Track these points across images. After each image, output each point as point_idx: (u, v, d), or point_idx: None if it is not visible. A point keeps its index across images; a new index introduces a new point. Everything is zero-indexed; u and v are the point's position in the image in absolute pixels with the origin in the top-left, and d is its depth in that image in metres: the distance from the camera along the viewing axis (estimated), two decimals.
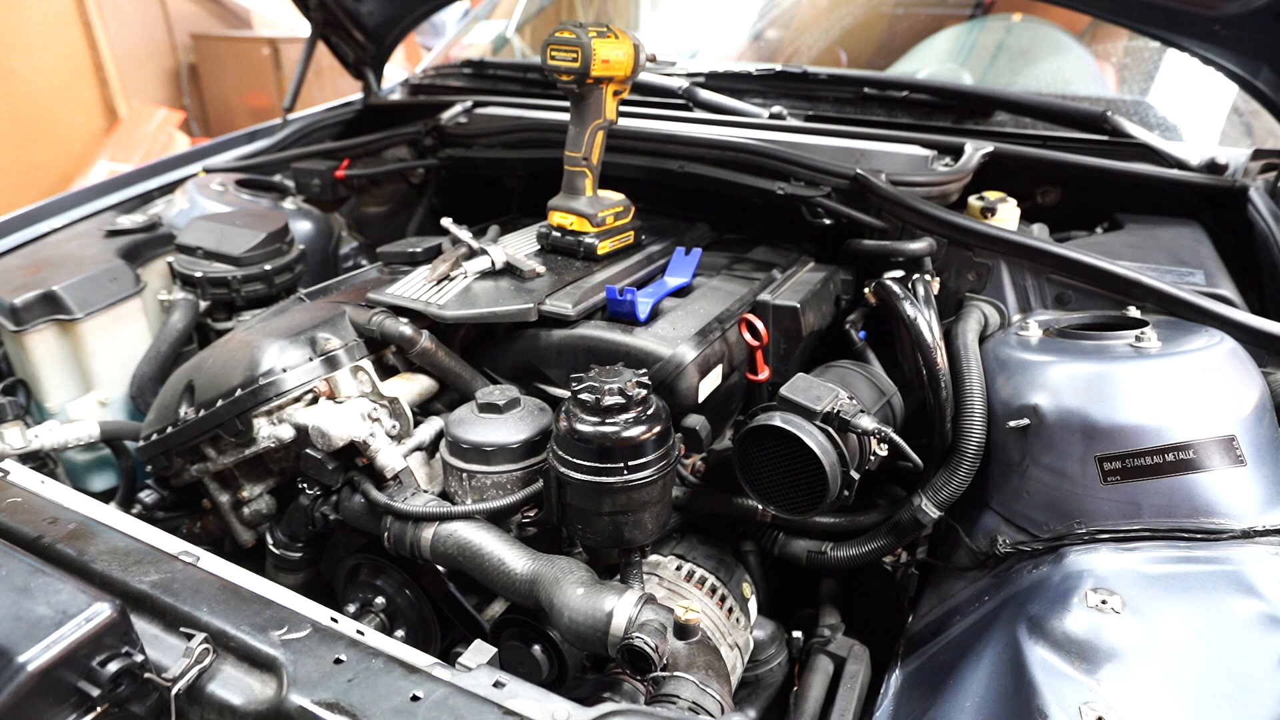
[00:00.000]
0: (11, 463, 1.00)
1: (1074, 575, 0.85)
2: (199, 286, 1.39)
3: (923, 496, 1.04)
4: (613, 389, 0.90)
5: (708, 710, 0.88)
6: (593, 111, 1.24)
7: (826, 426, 0.95)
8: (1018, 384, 1.01)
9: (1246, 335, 1.03)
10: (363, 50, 2.09)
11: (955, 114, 1.65)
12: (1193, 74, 1.70)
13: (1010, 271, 1.23)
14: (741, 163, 1.44)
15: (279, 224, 1.47)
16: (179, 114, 4.87)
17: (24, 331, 1.29)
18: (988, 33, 2.09)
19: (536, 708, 0.69)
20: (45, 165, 4.36)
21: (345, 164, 1.79)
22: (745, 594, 1.14)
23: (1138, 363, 0.96)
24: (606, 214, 1.29)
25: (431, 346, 1.14)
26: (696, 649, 0.93)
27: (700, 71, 1.86)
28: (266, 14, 5.37)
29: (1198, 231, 1.34)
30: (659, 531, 0.99)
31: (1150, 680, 0.72)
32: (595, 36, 1.18)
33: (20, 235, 1.54)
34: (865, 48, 2.18)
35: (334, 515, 1.08)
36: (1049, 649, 0.77)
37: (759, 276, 1.31)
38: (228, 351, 1.14)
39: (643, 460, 0.91)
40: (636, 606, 0.84)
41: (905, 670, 0.95)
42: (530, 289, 1.18)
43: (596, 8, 2.87)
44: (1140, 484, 0.89)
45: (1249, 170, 1.42)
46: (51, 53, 4.32)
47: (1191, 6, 1.26)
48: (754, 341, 1.17)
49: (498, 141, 1.74)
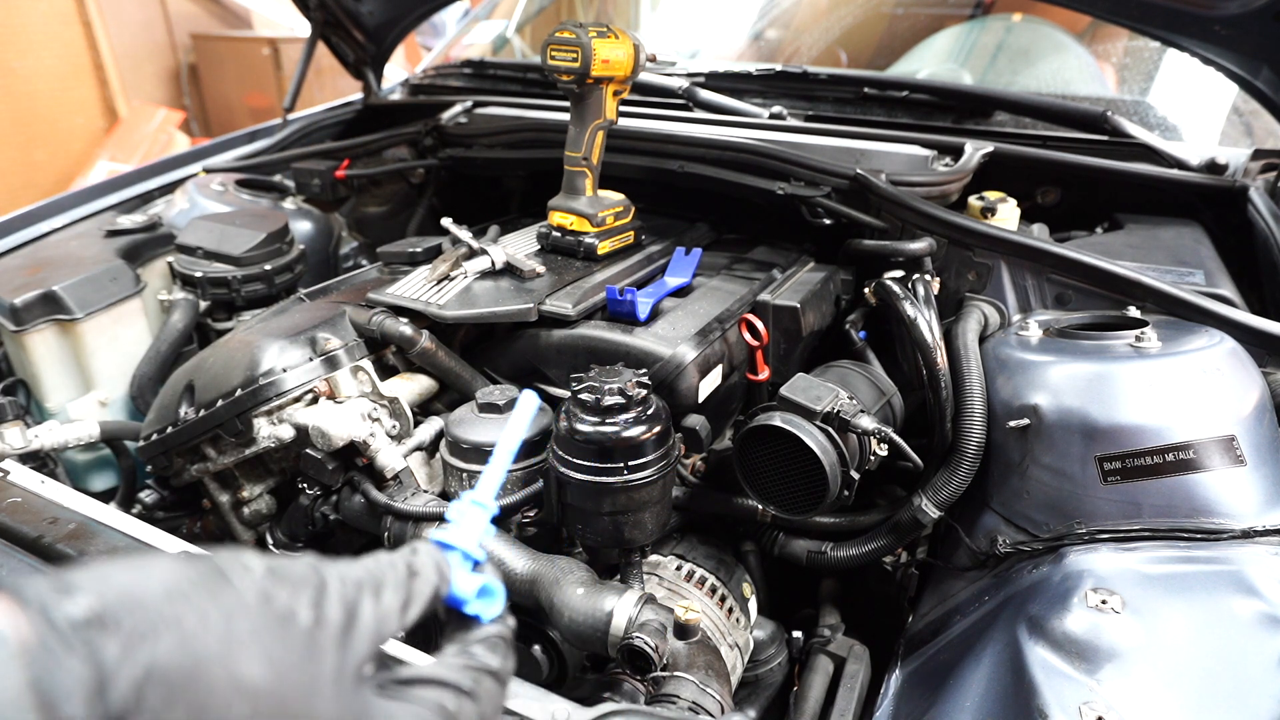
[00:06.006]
0: (11, 463, 1.00)
1: (1074, 575, 0.85)
2: (199, 286, 1.39)
3: (923, 496, 1.04)
4: (613, 389, 0.90)
5: (708, 710, 0.88)
6: (593, 111, 1.24)
7: (826, 426, 0.95)
8: (1018, 384, 1.01)
9: (1246, 335, 1.03)
10: (363, 50, 2.09)
11: (955, 114, 1.65)
12: (1193, 74, 1.70)
13: (1010, 271, 1.23)
14: (741, 163, 1.44)
15: (279, 224, 1.47)
16: (179, 114, 4.87)
17: (24, 331, 1.29)
18: (988, 33, 2.09)
19: (536, 708, 0.69)
20: (45, 165, 4.36)
21: (345, 164, 1.79)
22: (745, 594, 1.14)
23: (1138, 363, 0.96)
24: (606, 214, 1.29)
25: (431, 346, 1.14)
26: (696, 649, 0.93)
27: (700, 71, 1.86)
28: (266, 14, 5.37)
29: (1198, 231, 1.34)
30: (659, 531, 0.99)
31: (1150, 680, 0.72)
32: (595, 36, 1.18)
33: (20, 235, 1.54)
34: (865, 48, 2.18)
35: (334, 515, 1.08)
36: (1049, 649, 0.77)
37: (759, 276, 1.31)
38: (228, 351, 1.14)
39: (643, 460, 0.91)
40: (636, 606, 0.84)
41: (905, 670, 0.95)
42: (530, 289, 1.18)
43: (596, 8, 2.87)
44: (1140, 484, 0.89)
45: (1249, 170, 1.42)
46: (51, 52, 4.32)
47: (1191, 6, 1.26)
48: (754, 341, 1.17)
49: (498, 141, 1.74)
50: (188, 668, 0.30)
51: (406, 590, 0.43)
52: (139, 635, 0.29)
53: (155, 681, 0.29)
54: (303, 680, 0.34)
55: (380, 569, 0.43)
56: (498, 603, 0.51)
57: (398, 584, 0.43)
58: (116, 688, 0.28)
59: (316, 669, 0.35)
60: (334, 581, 0.39)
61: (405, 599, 0.43)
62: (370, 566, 0.42)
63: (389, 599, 0.41)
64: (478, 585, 0.50)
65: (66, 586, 0.30)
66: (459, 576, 0.50)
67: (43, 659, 0.27)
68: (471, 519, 0.53)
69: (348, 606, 0.38)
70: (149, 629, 0.30)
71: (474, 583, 0.50)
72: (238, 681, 0.31)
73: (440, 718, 0.41)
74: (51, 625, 0.28)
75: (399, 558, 0.45)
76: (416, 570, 0.45)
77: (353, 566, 0.41)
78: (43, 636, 0.28)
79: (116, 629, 0.29)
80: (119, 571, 0.32)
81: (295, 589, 0.36)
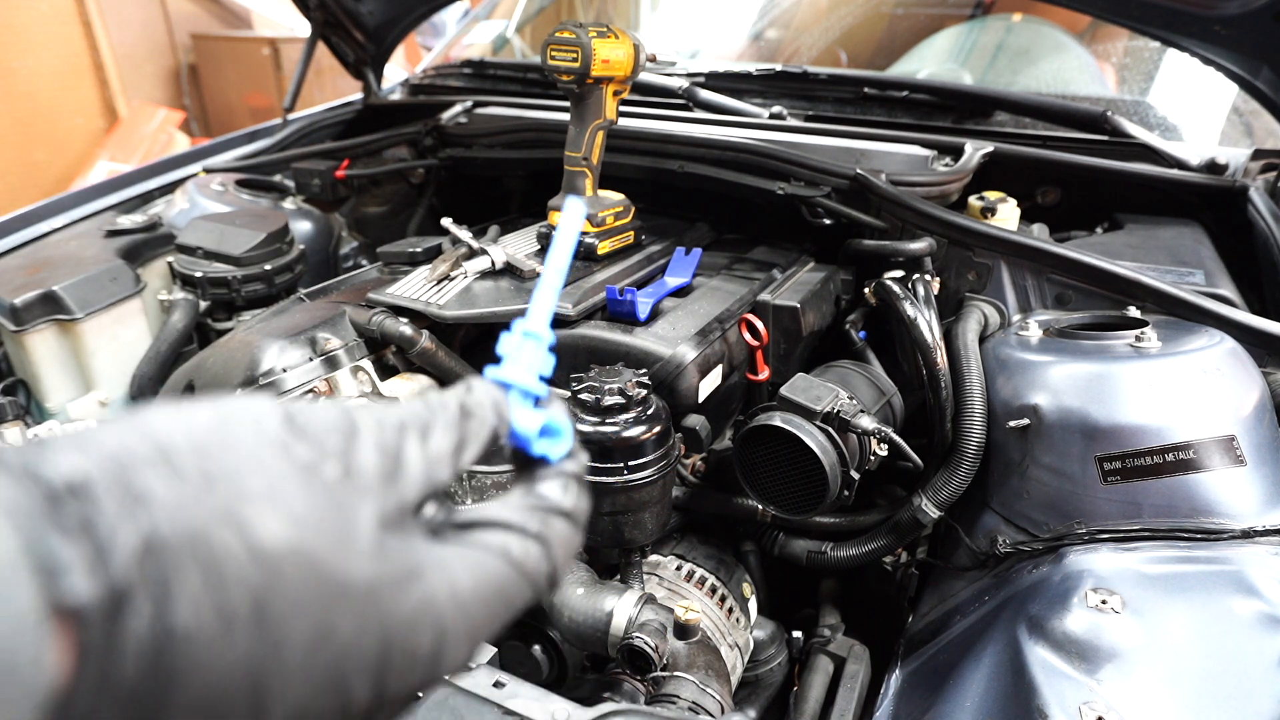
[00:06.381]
0: None
1: (1074, 575, 0.85)
2: (199, 286, 1.39)
3: (923, 496, 1.04)
4: (613, 389, 0.90)
5: (708, 710, 0.88)
6: (593, 111, 1.24)
7: (826, 426, 0.95)
8: (1018, 384, 1.01)
9: (1247, 335, 1.03)
10: (363, 50, 2.09)
11: (955, 114, 1.65)
12: (1193, 74, 1.70)
13: (1010, 271, 1.23)
14: (741, 163, 1.44)
15: (279, 224, 1.47)
16: (179, 114, 4.87)
17: (24, 331, 1.29)
18: (988, 33, 2.09)
19: (536, 708, 0.69)
20: (45, 165, 4.36)
21: (345, 164, 1.79)
22: (745, 594, 1.14)
23: (1138, 363, 0.96)
24: (606, 214, 1.29)
25: (431, 346, 1.14)
26: (696, 649, 0.93)
27: (700, 71, 1.86)
28: (266, 14, 5.37)
29: (1198, 231, 1.34)
30: (659, 531, 0.99)
31: (1150, 680, 0.72)
32: (595, 36, 1.18)
33: (20, 235, 1.53)
34: (865, 48, 2.18)
35: None
36: (1049, 649, 0.77)
37: (759, 276, 1.31)
38: (228, 351, 1.14)
39: (643, 460, 0.91)
40: (636, 606, 0.84)
41: (905, 670, 0.95)
42: (530, 289, 1.18)
43: (596, 8, 2.87)
44: (1140, 484, 0.89)
45: (1249, 170, 1.42)
46: (51, 53, 4.31)
47: (1191, 6, 1.26)
48: (754, 341, 1.17)
49: (498, 141, 1.74)
50: (191, 533, 0.26)
51: (460, 431, 0.38)
52: (131, 499, 0.26)
53: (154, 550, 0.25)
54: (333, 535, 0.30)
55: (429, 409, 0.38)
56: (565, 440, 0.46)
57: (449, 424, 0.38)
58: (114, 559, 0.24)
59: (349, 521, 0.31)
60: (369, 426, 0.34)
61: (459, 440, 0.38)
62: (416, 408, 0.37)
63: (439, 441, 0.37)
64: (541, 422, 0.45)
65: (47, 448, 0.26)
66: (520, 414, 0.44)
67: (34, 525, 0.24)
68: (528, 352, 0.47)
69: (387, 452, 0.34)
70: (143, 492, 0.26)
71: (537, 419, 0.45)
72: (253, 543, 0.27)
73: (504, 563, 0.36)
74: (39, 487, 0.25)
75: (450, 396, 0.40)
76: (470, 410, 0.39)
77: (395, 408, 0.37)
78: (31, 500, 0.24)
79: (106, 493, 0.25)
80: (106, 430, 0.28)
81: (319, 438, 0.32)
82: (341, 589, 0.30)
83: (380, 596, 0.31)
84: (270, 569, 0.28)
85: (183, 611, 0.25)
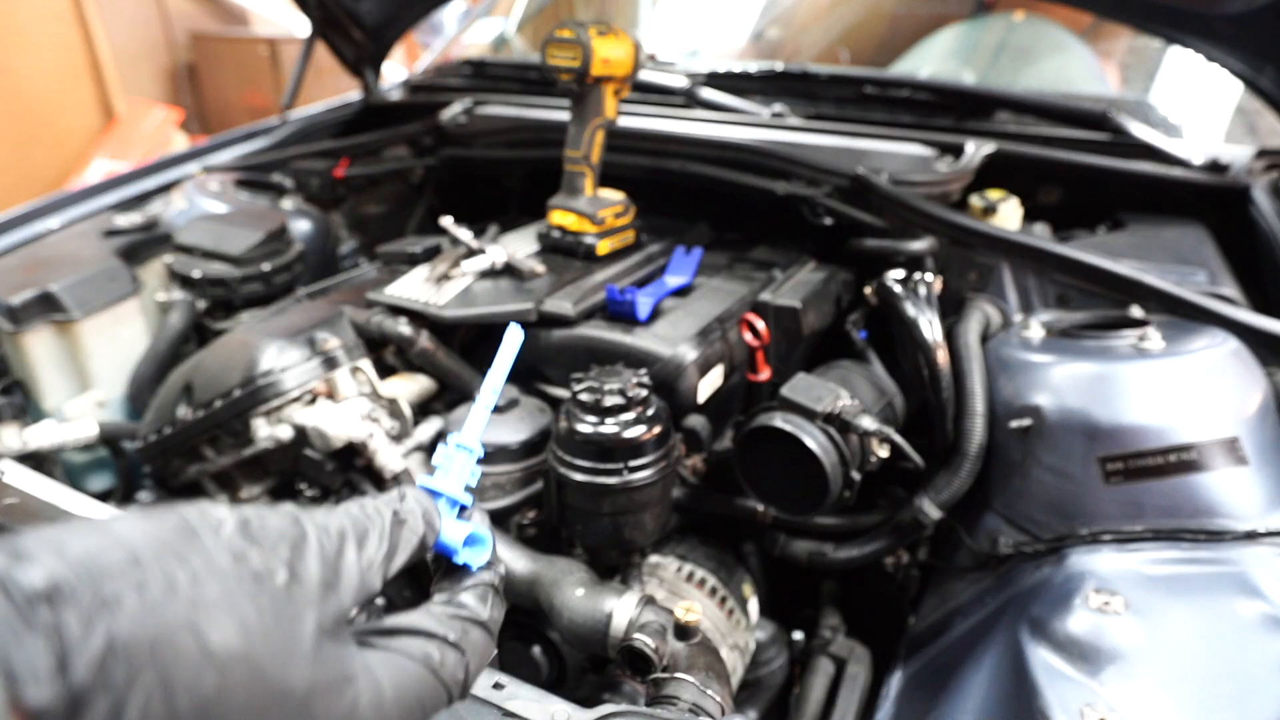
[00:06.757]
0: (9, 463, 0.99)
1: (1076, 576, 0.85)
2: (197, 286, 1.39)
3: (924, 497, 1.04)
4: (613, 389, 0.90)
5: (708, 712, 0.87)
6: (593, 111, 1.24)
7: (827, 427, 0.94)
8: (1020, 384, 1.01)
9: (1250, 335, 1.02)
10: (361, 49, 2.08)
11: (957, 113, 1.65)
12: (1196, 73, 1.69)
13: (1012, 271, 1.22)
14: (742, 162, 1.44)
15: (277, 224, 1.47)
16: (177, 113, 4.86)
17: (21, 332, 1.28)
18: (990, 32, 2.08)
19: (536, 709, 0.68)
20: (42, 164, 4.35)
21: (344, 163, 1.79)
22: (746, 595, 1.14)
23: (1140, 363, 0.95)
24: (607, 213, 1.29)
25: (431, 346, 1.13)
26: (697, 650, 0.93)
27: (701, 71, 1.85)
28: (265, 13, 5.36)
29: (1200, 231, 1.34)
30: (659, 532, 0.98)
31: (1153, 682, 0.72)
32: (595, 36, 1.17)
33: (17, 235, 1.53)
34: (866, 47, 2.18)
35: None
36: (1051, 650, 0.76)
37: (759, 276, 1.31)
38: (226, 352, 1.14)
39: (643, 460, 0.90)
40: (637, 607, 0.84)
41: (906, 672, 0.95)
42: (530, 289, 1.18)
43: (596, 7, 2.87)
44: (1143, 485, 0.89)
45: (1252, 169, 1.42)
46: (48, 51, 4.30)
47: (1194, 5, 1.26)
48: (755, 341, 1.17)
49: (497, 141, 1.74)
50: (152, 638, 0.28)
51: (392, 539, 0.42)
52: (99, 605, 0.27)
53: (118, 654, 0.27)
54: (278, 643, 0.32)
55: (364, 517, 0.41)
56: (486, 550, 0.49)
57: (383, 533, 0.41)
58: (77, 664, 0.26)
59: (293, 630, 0.33)
60: (313, 533, 0.37)
61: (390, 548, 0.41)
62: (354, 514, 0.41)
63: (373, 549, 0.40)
64: (466, 533, 0.48)
65: (21, 553, 0.28)
66: (446, 524, 0.48)
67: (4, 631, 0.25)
68: (458, 464, 0.50)
69: (328, 560, 0.37)
70: (110, 598, 0.28)
71: (462, 530, 0.48)
72: (207, 649, 0.30)
73: (425, 669, 0.40)
74: (9, 598, 0.26)
75: (384, 504, 0.43)
76: (403, 517, 0.43)
77: (335, 515, 0.40)
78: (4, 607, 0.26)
79: (76, 600, 0.27)
80: (78, 535, 0.30)
81: (271, 545, 0.34)
82: (281, 694, 0.32)
83: (313, 703, 0.34)
84: (220, 673, 0.30)
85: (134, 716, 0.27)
